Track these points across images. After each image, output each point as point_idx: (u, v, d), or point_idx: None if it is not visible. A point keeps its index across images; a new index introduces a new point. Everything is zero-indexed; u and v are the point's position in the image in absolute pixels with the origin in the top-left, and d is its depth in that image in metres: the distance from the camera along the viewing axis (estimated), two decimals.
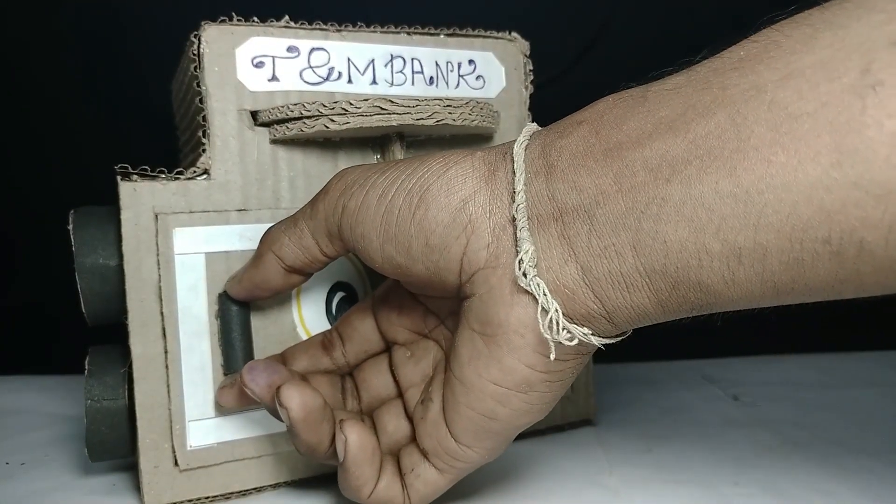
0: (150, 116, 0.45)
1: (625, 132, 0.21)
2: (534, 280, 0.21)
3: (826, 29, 0.18)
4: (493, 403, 0.23)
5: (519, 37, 0.34)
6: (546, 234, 0.22)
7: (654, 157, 0.20)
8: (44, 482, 0.31)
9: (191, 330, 0.28)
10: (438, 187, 0.23)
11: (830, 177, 0.17)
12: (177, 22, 0.31)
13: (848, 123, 0.17)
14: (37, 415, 0.41)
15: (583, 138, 0.21)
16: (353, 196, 0.25)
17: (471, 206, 0.23)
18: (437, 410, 0.25)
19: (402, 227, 0.23)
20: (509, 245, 0.22)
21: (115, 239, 0.28)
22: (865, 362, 0.52)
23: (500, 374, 0.23)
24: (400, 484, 0.25)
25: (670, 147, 0.19)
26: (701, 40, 0.22)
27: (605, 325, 0.22)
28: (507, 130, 0.34)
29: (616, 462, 0.32)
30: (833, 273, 0.18)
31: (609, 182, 0.20)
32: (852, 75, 0.17)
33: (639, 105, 0.21)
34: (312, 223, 0.26)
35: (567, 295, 0.21)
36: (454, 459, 0.25)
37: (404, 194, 0.24)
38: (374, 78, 0.31)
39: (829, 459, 0.32)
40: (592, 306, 0.21)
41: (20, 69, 0.52)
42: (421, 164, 0.24)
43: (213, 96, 0.28)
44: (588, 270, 0.21)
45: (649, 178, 0.20)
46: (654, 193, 0.19)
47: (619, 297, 0.21)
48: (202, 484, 0.28)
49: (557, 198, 0.21)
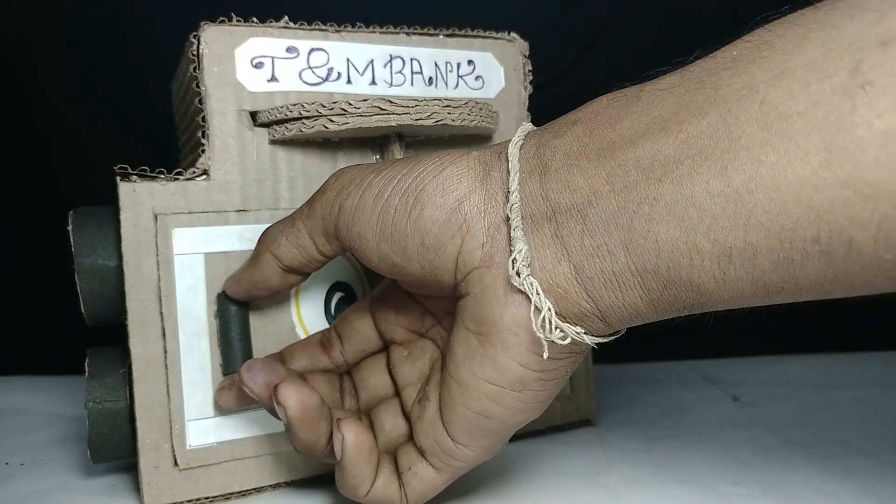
0: (150, 116, 0.45)
1: (618, 132, 0.21)
2: (527, 279, 0.21)
3: (818, 29, 0.18)
4: (489, 402, 0.23)
5: (518, 37, 0.34)
6: (540, 233, 0.22)
7: (646, 157, 0.20)
8: (44, 482, 0.31)
9: (190, 330, 0.28)
10: (434, 187, 0.23)
11: (819, 176, 0.17)
12: (177, 22, 0.31)
13: (837, 123, 0.17)
14: (37, 415, 0.41)
15: (577, 138, 0.22)
16: (349, 195, 0.25)
17: (466, 205, 0.23)
18: (433, 409, 0.25)
19: (398, 226, 0.23)
20: (503, 244, 0.22)
21: (115, 239, 0.28)
22: (865, 362, 0.51)
23: (494, 373, 0.23)
24: (397, 482, 0.25)
25: (662, 147, 0.19)
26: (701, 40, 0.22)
27: (598, 324, 0.22)
28: (507, 131, 0.34)
29: (616, 462, 0.32)
30: (822, 272, 0.18)
31: (602, 181, 0.20)
32: (842, 75, 0.17)
33: (632, 105, 0.21)
34: (309, 223, 0.26)
35: (560, 294, 0.21)
36: (451, 458, 0.25)
37: (400, 194, 0.24)
38: (374, 78, 0.31)
39: (829, 459, 0.32)
40: (585, 305, 0.21)
41: (20, 69, 0.52)
42: (417, 164, 0.24)
43: (212, 97, 0.29)
44: (581, 270, 0.21)
45: (641, 177, 0.20)
46: (645, 193, 0.20)
47: (611, 296, 0.21)
48: (202, 484, 0.28)
49: (551, 197, 0.21)
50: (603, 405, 0.40)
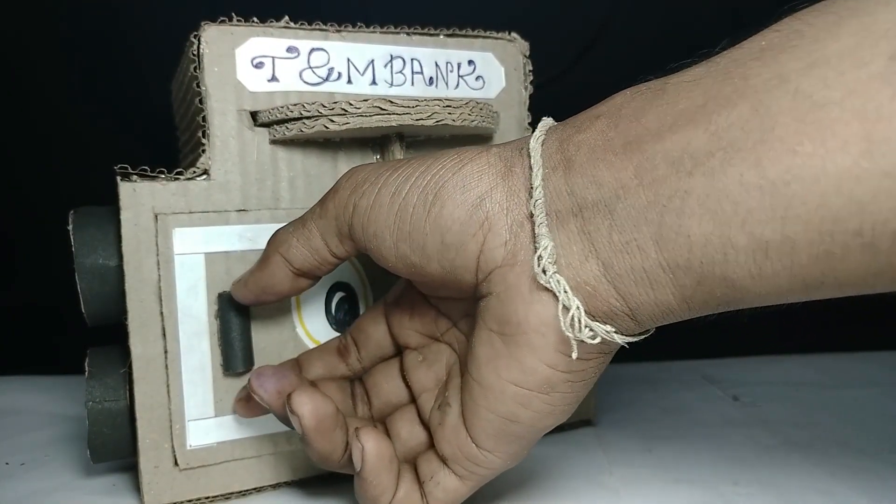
0: (150, 116, 0.45)
1: (644, 125, 0.20)
2: (553, 277, 0.21)
3: (851, 17, 0.18)
4: (515, 406, 0.23)
5: (518, 37, 0.34)
6: (565, 229, 0.21)
7: (675, 150, 0.19)
8: (44, 482, 0.31)
9: (190, 330, 0.28)
10: (454, 184, 0.23)
11: (860, 166, 0.16)
12: (177, 22, 0.31)
13: (877, 111, 0.16)
14: (37, 415, 0.41)
15: (601, 132, 0.21)
16: (364, 194, 0.24)
17: (487, 202, 0.22)
18: (455, 415, 0.24)
19: (417, 224, 0.23)
20: (527, 242, 0.22)
21: (115, 239, 0.28)
22: (865, 362, 0.52)
23: (520, 375, 0.22)
24: (419, 492, 0.25)
25: (692, 139, 0.19)
26: (701, 40, 0.22)
27: (629, 322, 0.21)
28: (507, 131, 0.34)
29: (616, 462, 0.32)
30: (866, 266, 0.17)
31: (629, 175, 0.20)
32: (880, 62, 0.16)
33: (657, 98, 0.20)
34: (322, 223, 0.25)
35: (588, 292, 0.21)
36: (475, 465, 0.24)
37: (419, 191, 0.23)
38: (374, 78, 0.31)
39: (829, 459, 0.32)
40: (615, 303, 0.21)
41: (20, 69, 0.52)
42: (435, 161, 0.23)
43: (212, 96, 0.29)
44: (609, 266, 0.20)
45: (671, 170, 0.19)
46: (676, 186, 0.19)
47: (642, 293, 0.20)
48: (202, 484, 0.28)
49: (576, 193, 0.21)
50: (603, 405, 0.40)
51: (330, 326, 0.31)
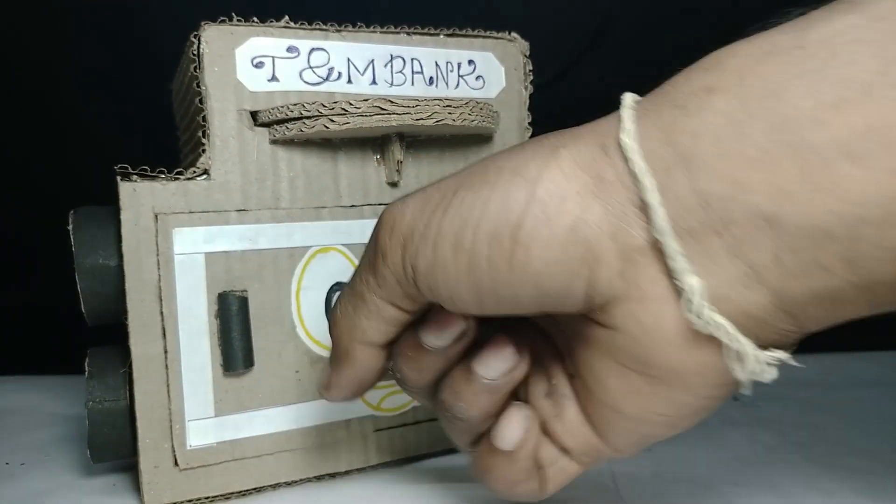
0: (150, 116, 0.45)
1: (792, 103, 0.16)
2: (712, 319, 0.17)
3: None
4: (661, 428, 0.21)
5: (518, 37, 0.34)
6: (707, 253, 0.17)
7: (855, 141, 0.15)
8: (44, 482, 0.31)
9: (190, 330, 0.28)
10: (531, 219, 0.18)
11: None
12: (177, 22, 0.31)
13: None
14: (37, 415, 0.41)
15: (724, 113, 0.17)
16: (419, 254, 0.20)
17: (583, 229, 0.18)
18: (574, 411, 0.22)
19: (499, 277, 0.19)
20: (653, 271, 0.18)
21: (115, 239, 0.28)
22: (865, 362, 0.51)
23: (670, 409, 0.20)
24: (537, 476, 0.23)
25: (882, 122, 0.15)
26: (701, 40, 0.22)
27: (797, 338, 0.19)
28: (507, 131, 0.34)
29: (616, 462, 0.32)
30: None
31: (794, 177, 0.16)
32: None
33: (800, 61, 0.16)
34: (384, 292, 0.21)
35: (755, 324, 0.18)
36: (602, 456, 0.23)
37: (487, 238, 0.19)
38: (374, 78, 0.31)
39: (829, 459, 0.32)
40: (787, 328, 0.18)
41: (21, 69, 0.52)
42: (491, 190, 0.19)
43: (212, 96, 0.28)
44: (781, 293, 0.17)
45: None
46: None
47: (824, 315, 0.17)
48: (202, 484, 0.28)
49: (714, 204, 0.17)
50: None
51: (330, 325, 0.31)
